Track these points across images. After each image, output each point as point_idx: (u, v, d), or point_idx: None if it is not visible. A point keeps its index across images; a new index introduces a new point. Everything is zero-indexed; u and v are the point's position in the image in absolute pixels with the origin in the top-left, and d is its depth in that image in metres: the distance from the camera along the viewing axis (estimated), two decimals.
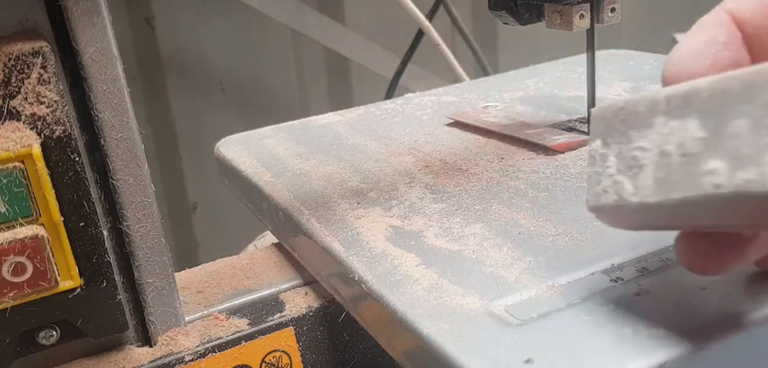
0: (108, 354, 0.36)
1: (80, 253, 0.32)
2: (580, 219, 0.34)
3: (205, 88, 1.11)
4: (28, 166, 0.29)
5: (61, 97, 0.30)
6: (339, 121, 0.55)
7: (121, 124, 0.33)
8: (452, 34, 1.04)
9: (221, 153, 0.51)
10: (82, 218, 0.31)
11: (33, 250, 0.30)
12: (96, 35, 0.31)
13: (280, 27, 1.10)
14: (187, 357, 0.36)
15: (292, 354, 0.38)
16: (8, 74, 0.29)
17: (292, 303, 0.39)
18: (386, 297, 0.30)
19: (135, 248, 0.35)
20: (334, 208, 0.39)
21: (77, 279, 0.32)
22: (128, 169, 0.33)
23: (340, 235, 0.35)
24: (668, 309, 0.26)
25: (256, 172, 0.46)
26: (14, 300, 0.30)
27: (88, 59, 0.31)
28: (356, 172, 0.44)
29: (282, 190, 0.42)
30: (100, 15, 0.31)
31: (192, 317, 0.39)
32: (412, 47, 0.93)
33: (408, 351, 0.29)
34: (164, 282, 0.36)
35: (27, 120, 0.29)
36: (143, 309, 0.36)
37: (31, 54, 0.29)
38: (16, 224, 0.29)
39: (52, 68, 0.30)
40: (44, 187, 0.29)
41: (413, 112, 0.56)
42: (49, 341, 0.33)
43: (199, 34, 1.08)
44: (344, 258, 0.34)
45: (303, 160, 0.47)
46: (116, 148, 0.33)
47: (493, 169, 0.42)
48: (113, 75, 0.32)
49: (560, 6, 0.41)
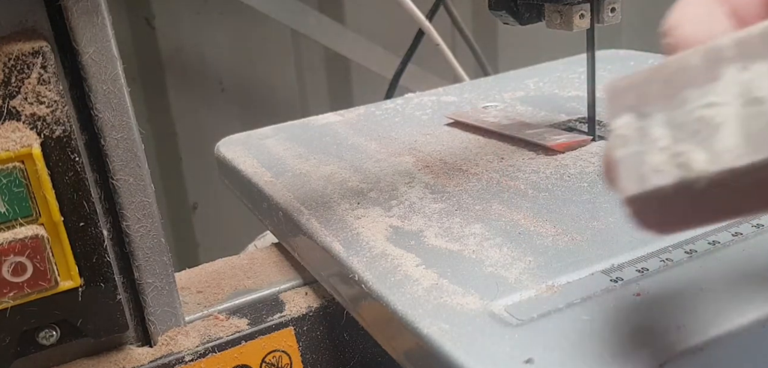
0: (108, 354, 0.36)
1: (80, 253, 0.32)
2: (580, 220, 0.34)
3: (205, 87, 1.11)
4: (28, 165, 0.29)
5: (61, 96, 0.30)
6: (339, 121, 0.55)
7: (121, 123, 0.33)
8: (452, 34, 1.04)
9: (221, 153, 0.51)
10: (82, 218, 0.31)
11: (33, 250, 0.30)
12: (96, 35, 0.31)
13: (281, 27, 1.10)
14: (187, 357, 0.36)
15: (292, 354, 0.38)
16: (8, 74, 0.29)
17: (292, 303, 0.39)
18: (386, 297, 0.30)
19: (135, 248, 0.35)
20: (334, 208, 0.39)
21: (77, 279, 0.32)
22: (128, 168, 0.33)
23: (340, 235, 0.35)
24: (668, 309, 0.26)
25: (256, 172, 0.46)
26: (14, 300, 0.30)
27: (88, 59, 0.31)
28: (356, 171, 0.44)
29: (282, 190, 0.42)
30: (100, 15, 0.31)
31: (192, 317, 0.39)
32: (412, 47, 0.93)
33: (408, 351, 0.29)
34: (164, 282, 0.36)
35: (27, 120, 0.29)
36: (143, 309, 0.36)
37: (31, 54, 0.29)
38: (16, 224, 0.29)
39: (52, 68, 0.29)
40: (44, 187, 0.29)
41: (413, 112, 0.56)
42: (49, 341, 0.33)
43: (200, 34, 1.08)
44: (344, 258, 0.34)
45: (303, 160, 0.47)
46: (116, 147, 0.33)
47: (493, 169, 0.42)
48: (113, 75, 0.32)
49: (560, 6, 0.41)
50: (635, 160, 0.20)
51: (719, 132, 0.18)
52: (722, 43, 0.19)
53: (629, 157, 0.20)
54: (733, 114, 0.18)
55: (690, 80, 0.19)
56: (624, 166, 0.20)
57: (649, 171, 0.20)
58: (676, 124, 0.19)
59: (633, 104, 0.20)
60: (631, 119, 0.20)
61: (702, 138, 0.19)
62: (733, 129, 0.18)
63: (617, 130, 0.21)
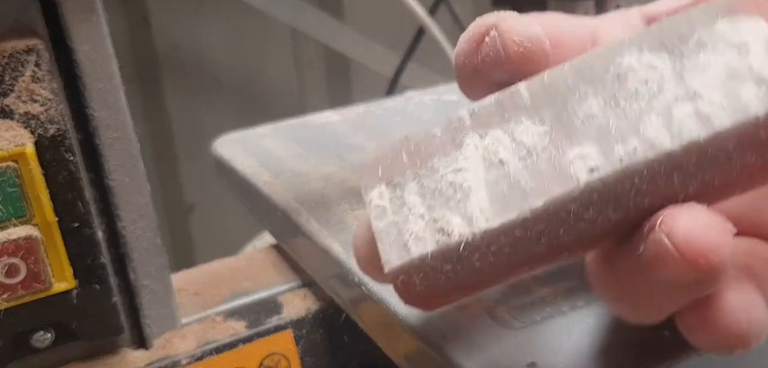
0: (103, 357, 0.36)
1: (75, 254, 0.31)
2: None
3: (202, 86, 1.11)
4: (22, 165, 0.29)
5: (55, 95, 0.29)
6: (338, 119, 0.55)
7: (117, 122, 0.32)
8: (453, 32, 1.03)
9: (218, 152, 0.51)
10: (77, 218, 0.31)
11: (27, 251, 0.29)
12: (91, 33, 0.31)
13: (279, 24, 1.10)
14: (183, 360, 0.36)
15: (291, 357, 0.38)
16: (1, 72, 0.28)
17: (290, 306, 0.39)
18: (386, 299, 0.29)
19: (130, 249, 0.34)
20: (333, 209, 0.38)
21: (72, 280, 0.31)
22: (124, 168, 0.33)
23: (340, 236, 0.35)
24: None
25: (254, 172, 0.45)
26: (8, 301, 0.30)
27: (83, 57, 0.31)
28: (356, 171, 0.43)
29: (280, 190, 0.42)
30: (95, 12, 0.31)
31: (189, 319, 0.38)
32: (413, 45, 0.93)
33: (408, 354, 0.29)
34: (160, 284, 0.36)
35: (20, 118, 0.29)
36: (139, 312, 0.36)
37: (24, 52, 0.29)
38: (10, 225, 0.29)
39: (47, 66, 0.29)
40: (38, 187, 0.29)
41: (414, 111, 0.55)
42: (43, 344, 0.33)
43: (197, 31, 1.08)
44: (344, 259, 0.33)
45: (302, 160, 0.46)
46: (111, 147, 0.33)
47: None
48: (109, 73, 0.32)
49: (564, 3, 0.40)
50: (394, 230, 0.20)
51: (470, 197, 0.19)
52: (461, 114, 0.20)
53: (388, 227, 0.20)
54: (481, 178, 0.19)
55: (436, 150, 0.20)
56: (384, 238, 0.20)
57: (408, 240, 0.19)
58: (430, 190, 0.19)
59: (384, 176, 0.20)
60: (384, 190, 0.20)
61: (455, 203, 0.19)
62: (482, 193, 0.19)
63: (372, 202, 0.20)
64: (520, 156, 0.19)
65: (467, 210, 0.19)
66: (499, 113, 0.19)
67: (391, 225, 0.20)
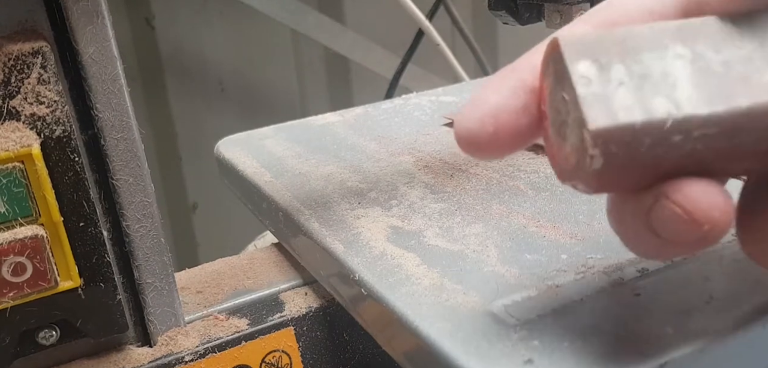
0: (108, 354, 0.36)
1: (80, 253, 0.32)
2: (580, 219, 0.34)
3: (205, 88, 1.11)
4: (28, 165, 0.29)
5: (60, 96, 0.30)
6: (339, 121, 0.55)
7: (121, 123, 0.33)
8: (452, 34, 1.04)
9: (221, 153, 0.51)
10: (82, 218, 0.31)
11: (33, 250, 0.30)
12: (96, 35, 0.31)
13: (280, 27, 1.10)
14: (186, 357, 0.36)
15: (292, 354, 0.38)
16: (8, 74, 0.29)
17: (292, 303, 0.39)
18: (386, 297, 0.30)
19: (135, 248, 0.35)
20: (334, 208, 0.39)
21: (77, 279, 0.32)
22: (128, 168, 0.33)
23: (340, 235, 0.35)
24: (668, 310, 0.26)
25: (256, 172, 0.46)
26: (14, 300, 0.30)
27: (88, 59, 0.31)
28: (356, 172, 0.44)
29: (282, 190, 0.42)
30: (100, 15, 0.31)
31: (192, 317, 0.39)
32: (412, 47, 0.93)
33: (408, 352, 0.29)
34: (164, 283, 0.36)
35: (27, 120, 0.29)
36: (143, 310, 0.36)
37: (30, 54, 0.29)
38: (16, 224, 0.29)
39: (52, 68, 0.29)
40: (44, 187, 0.29)
41: (413, 112, 0.55)
42: (49, 341, 0.33)
43: (199, 34, 1.08)
44: (344, 258, 0.34)
45: (303, 160, 0.47)
46: (116, 147, 0.33)
47: (493, 169, 0.42)
48: (113, 75, 0.32)
49: (560, 6, 0.41)
50: (602, 98, 0.20)
51: (677, 87, 0.20)
52: (667, 24, 0.21)
53: (594, 94, 0.20)
54: (688, 74, 0.20)
55: (643, 45, 0.21)
56: (590, 102, 0.20)
57: (619, 108, 0.20)
58: (637, 75, 0.20)
59: (589, 54, 0.21)
60: (590, 65, 0.21)
61: (663, 88, 0.20)
62: (689, 87, 0.20)
63: (579, 71, 0.21)
64: (725, 67, 0.20)
65: (675, 96, 0.20)
66: (704, 31, 0.21)
67: (597, 94, 0.20)
